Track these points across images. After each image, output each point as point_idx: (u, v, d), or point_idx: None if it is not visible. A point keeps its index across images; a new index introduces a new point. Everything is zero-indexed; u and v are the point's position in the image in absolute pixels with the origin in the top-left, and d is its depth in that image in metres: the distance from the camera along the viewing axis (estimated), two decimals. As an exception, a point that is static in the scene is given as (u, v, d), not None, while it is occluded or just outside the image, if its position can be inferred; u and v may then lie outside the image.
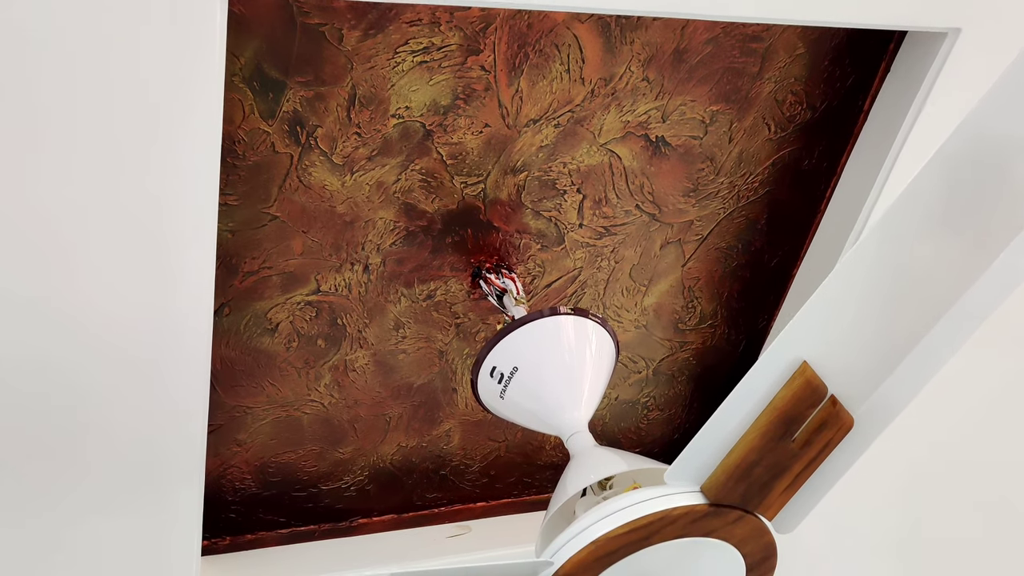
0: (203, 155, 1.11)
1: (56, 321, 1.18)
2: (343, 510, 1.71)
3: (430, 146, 1.35)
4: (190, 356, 1.26)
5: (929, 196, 0.79)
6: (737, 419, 0.91)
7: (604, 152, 1.45)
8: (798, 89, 1.50)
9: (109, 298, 1.19)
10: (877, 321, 0.87)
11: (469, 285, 1.50)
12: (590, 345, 1.27)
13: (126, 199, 1.12)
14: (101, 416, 1.27)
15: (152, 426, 1.30)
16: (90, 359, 1.23)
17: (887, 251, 0.82)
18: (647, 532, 0.94)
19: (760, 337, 1.80)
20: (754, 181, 1.59)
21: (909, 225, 0.80)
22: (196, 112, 1.08)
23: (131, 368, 1.25)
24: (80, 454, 1.30)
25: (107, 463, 1.32)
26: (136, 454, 1.32)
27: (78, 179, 1.09)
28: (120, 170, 1.10)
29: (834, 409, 0.90)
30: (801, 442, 0.92)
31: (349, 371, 1.54)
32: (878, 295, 0.86)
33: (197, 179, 1.13)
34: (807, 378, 0.88)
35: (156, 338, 1.23)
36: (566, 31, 1.31)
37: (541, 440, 1.79)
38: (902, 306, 0.84)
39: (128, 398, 1.27)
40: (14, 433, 1.26)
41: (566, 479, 1.12)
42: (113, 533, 1.39)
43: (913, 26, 1.34)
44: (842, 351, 0.89)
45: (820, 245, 1.67)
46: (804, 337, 0.88)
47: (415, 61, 1.26)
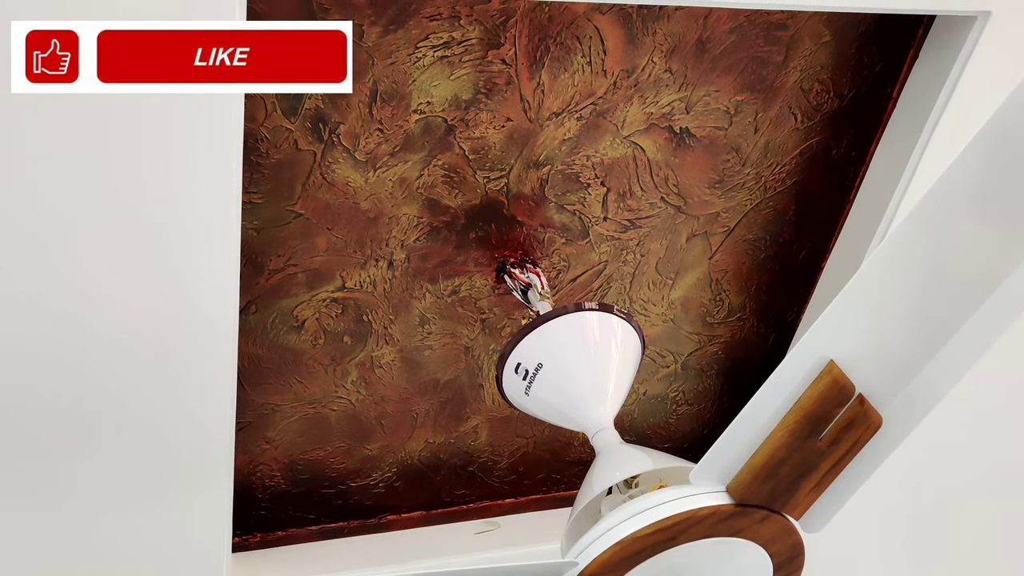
0: (226, 153, 1.11)
1: (84, 321, 1.19)
2: (372, 507, 1.72)
3: (452, 141, 1.34)
4: (217, 354, 1.27)
5: (968, 181, 0.76)
6: (763, 418, 0.90)
7: (628, 144, 1.44)
8: (824, 77, 1.48)
9: (136, 299, 1.20)
10: (906, 319, 0.85)
11: (494, 280, 1.50)
12: (615, 341, 1.26)
13: (150, 199, 1.13)
14: (130, 416, 1.29)
15: (181, 424, 1.31)
16: (118, 359, 1.24)
17: (921, 241, 0.80)
18: (673, 532, 0.93)
19: (789, 330, 1.78)
20: (781, 171, 1.57)
21: (947, 212, 0.78)
22: (218, 110, 1.08)
23: (159, 367, 1.26)
24: (110, 452, 1.31)
25: (136, 461, 1.33)
26: (165, 452, 1.33)
27: (102, 178, 1.09)
28: (143, 169, 1.11)
29: (862, 408, 0.89)
30: (828, 441, 0.90)
31: (375, 367, 1.54)
32: (908, 291, 0.84)
33: (220, 177, 1.13)
34: (834, 377, 0.87)
35: (183, 337, 1.24)
36: (587, 23, 1.30)
37: (569, 436, 1.79)
38: (934, 301, 0.83)
39: (157, 397, 1.28)
40: (46, 431, 1.27)
41: (591, 477, 1.11)
42: (144, 530, 1.40)
43: (942, 10, 1.32)
44: (870, 349, 0.87)
45: (849, 236, 1.65)
46: (831, 335, 0.87)
47: (436, 56, 1.26)
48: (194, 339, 1.24)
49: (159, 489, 1.37)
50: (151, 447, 1.32)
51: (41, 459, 1.28)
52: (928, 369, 0.85)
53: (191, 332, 1.23)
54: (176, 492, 1.38)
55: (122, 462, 1.32)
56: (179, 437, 1.32)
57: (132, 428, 1.29)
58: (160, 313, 1.21)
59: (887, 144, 1.54)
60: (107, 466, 1.31)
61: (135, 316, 1.21)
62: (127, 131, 1.07)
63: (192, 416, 1.31)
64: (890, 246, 0.82)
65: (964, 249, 0.80)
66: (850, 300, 0.85)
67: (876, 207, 1.57)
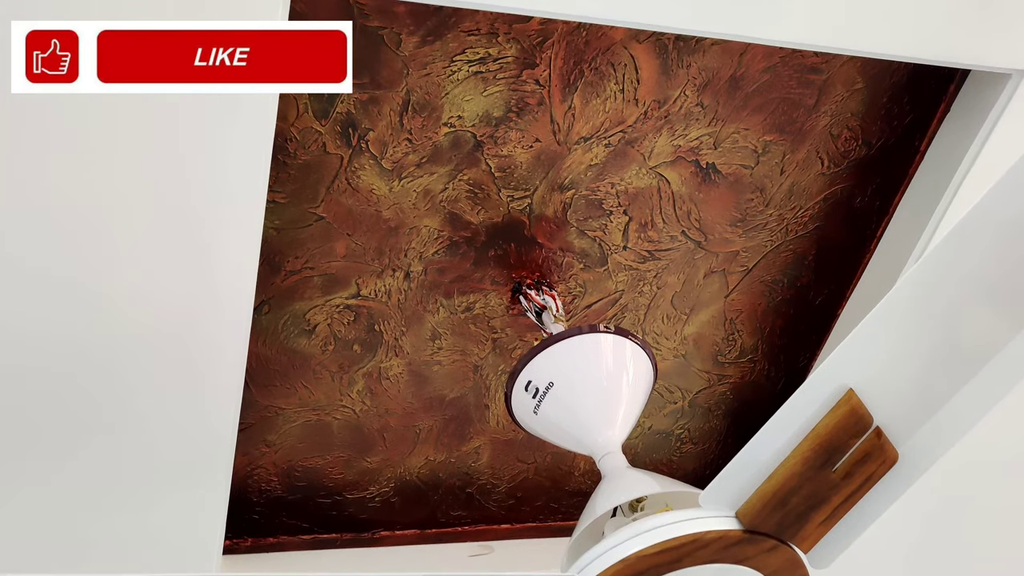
0: (256, 151, 1.12)
1: (107, 310, 1.20)
2: (366, 520, 1.70)
3: (479, 157, 1.34)
4: (227, 350, 1.26)
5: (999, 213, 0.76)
6: (777, 444, 0.89)
7: (653, 175, 1.44)
8: (854, 124, 1.49)
9: (151, 287, 1.20)
10: (931, 352, 0.85)
11: (508, 300, 1.49)
12: (628, 366, 1.25)
13: (177, 192, 1.14)
14: (140, 405, 1.28)
15: (187, 417, 1.31)
16: (128, 346, 1.24)
17: (950, 275, 0.79)
18: (679, 554, 0.91)
19: (800, 376, 1.77)
20: (804, 215, 1.57)
21: (977, 244, 0.77)
22: (251, 106, 1.08)
23: (173, 358, 1.25)
24: (116, 440, 1.30)
25: (140, 451, 1.33)
26: (168, 444, 1.33)
27: (134, 169, 1.10)
28: (173, 162, 1.11)
29: (879, 441, 0.88)
30: (842, 473, 0.89)
31: (383, 379, 1.53)
32: (935, 323, 0.83)
33: (248, 174, 1.14)
34: (853, 406, 0.86)
35: (195, 329, 1.23)
36: (623, 50, 1.31)
37: (570, 465, 1.77)
38: (961, 335, 0.82)
39: (167, 387, 1.28)
40: (52, 417, 1.26)
41: (596, 498, 1.10)
42: (139, 520, 1.39)
43: (977, 64, 1.32)
44: (890, 381, 0.86)
45: (867, 285, 1.64)
46: (852, 363, 0.86)
47: (471, 71, 1.26)
48: (209, 333, 1.24)
49: (158, 480, 1.36)
50: (156, 438, 1.32)
51: (52, 441, 1.28)
52: (951, 405, 0.84)
53: (206, 326, 1.23)
54: (175, 485, 1.37)
55: (126, 451, 1.32)
56: (183, 430, 1.32)
57: (140, 417, 1.29)
58: (174, 304, 1.21)
59: (912, 197, 1.54)
60: (112, 454, 1.31)
61: (149, 304, 1.21)
62: (163, 127, 1.08)
63: (199, 410, 1.31)
64: (919, 276, 0.81)
65: (993, 283, 0.79)
66: (874, 328, 0.84)
67: (897, 259, 1.56)
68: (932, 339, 0.83)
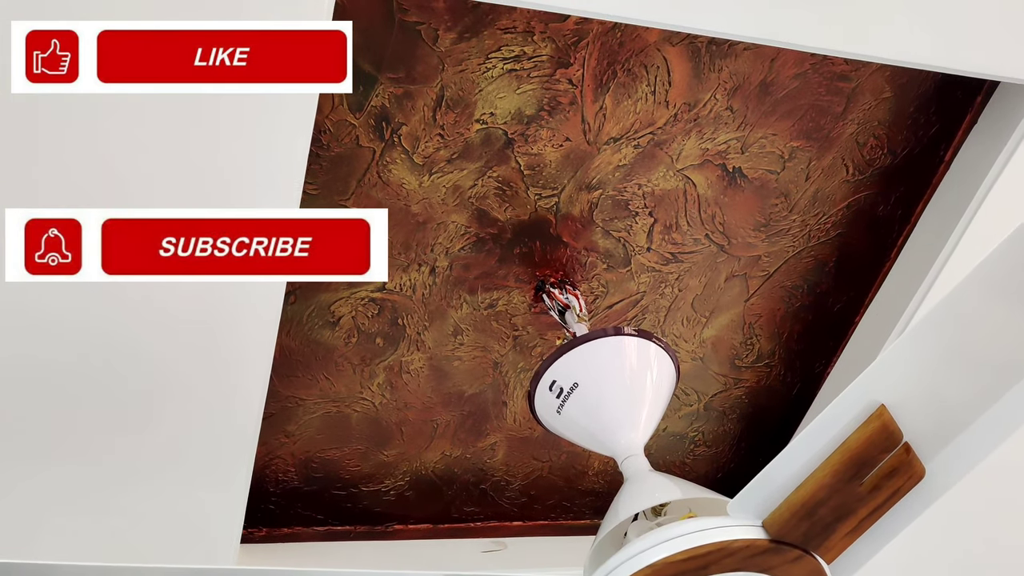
0: (293, 145, 1.13)
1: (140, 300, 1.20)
2: (381, 514, 1.70)
3: (510, 154, 1.35)
4: (257, 341, 1.27)
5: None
6: (807, 456, 0.90)
7: (680, 178, 1.44)
8: (880, 133, 1.49)
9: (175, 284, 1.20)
10: (962, 372, 0.85)
11: (532, 298, 1.50)
12: (652, 368, 1.26)
13: (216, 179, 1.14)
14: (165, 387, 1.29)
15: (214, 404, 1.31)
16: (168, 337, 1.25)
17: (984, 298, 0.80)
18: (705, 562, 0.92)
19: (816, 382, 1.77)
20: (827, 222, 1.57)
21: (1013, 269, 0.78)
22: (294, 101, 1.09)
23: (202, 346, 1.26)
24: (147, 425, 1.32)
25: (166, 437, 1.34)
26: (195, 431, 1.33)
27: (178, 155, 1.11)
28: (214, 151, 1.12)
29: (907, 457, 0.89)
30: (870, 486, 0.90)
31: (403, 373, 1.54)
32: (966, 344, 0.84)
33: (285, 165, 1.14)
34: (884, 422, 0.87)
35: (228, 319, 1.24)
36: (656, 52, 1.31)
37: (584, 464, 1.78)
38: (992, 355, 0.83)
39: (196, 374, 1.29)
40: (83, 408, 1.28)
41: (619, 502, 1.10)
42: (162, 505, 1.40)
43: (1005, 77, 1.32)
44: (922, 398, 0.87)
45: (887, 294, 1.64)
46: (885, 379, 0.86)
47: (505, 68, 1.27)
48: (238, 322, 1.24)
49: (182, 467, 1.37)
50: (183, 425, 1.33)
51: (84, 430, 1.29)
52: (978, 424, 0.85)
53: (236, 314, 1.23)
54: (198, 472, 1.38)
55: (155, 436, 1.33)
56: (210, 418, 1.32)
57: (170, 403, 1.30)
58: (210, 292, 1.22)
59: (935, 207, 1.54)
60: (142, 439, 1.32)
61: (188, 296, 1.22)
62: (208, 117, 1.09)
63: (224, 405, 1.32)
64: (952, 299, 0.82)
65: (1004, 329, 0.81)
66: (908, 347, 0.85)
67: (918, 269, 1.57)
68: (964, 359, 0.84)
